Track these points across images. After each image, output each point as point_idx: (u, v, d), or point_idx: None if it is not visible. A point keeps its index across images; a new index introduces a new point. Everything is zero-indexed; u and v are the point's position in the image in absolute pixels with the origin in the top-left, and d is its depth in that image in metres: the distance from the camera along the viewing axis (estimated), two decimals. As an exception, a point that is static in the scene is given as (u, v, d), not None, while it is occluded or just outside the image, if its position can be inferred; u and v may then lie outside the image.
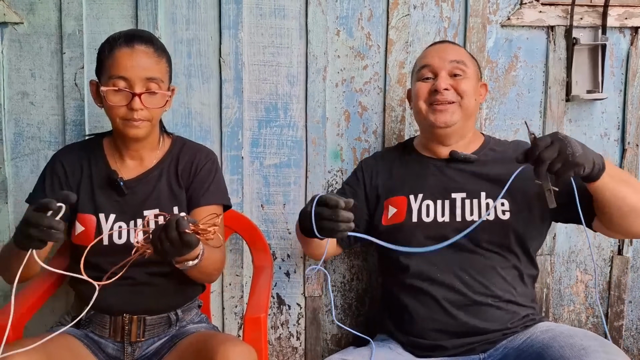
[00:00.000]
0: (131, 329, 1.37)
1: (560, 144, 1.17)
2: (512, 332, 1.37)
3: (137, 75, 1.31)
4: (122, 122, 1.34)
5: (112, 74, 1.31)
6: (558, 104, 1.83)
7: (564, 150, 1.17)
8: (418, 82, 1.51)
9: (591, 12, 1.80)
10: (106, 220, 1.39)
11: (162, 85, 1.35)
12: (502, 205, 1.43)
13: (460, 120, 1.47)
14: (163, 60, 1.38)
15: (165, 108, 1.41)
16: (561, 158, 1.17)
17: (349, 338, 1.87)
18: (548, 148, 1.18)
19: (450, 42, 1.62)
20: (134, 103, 1.31)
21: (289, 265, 1.84)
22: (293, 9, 1.77)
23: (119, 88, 1.31)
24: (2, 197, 1.77)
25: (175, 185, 1.44)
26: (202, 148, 1.52)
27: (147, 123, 1.35)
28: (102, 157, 1.45)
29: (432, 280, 1.41)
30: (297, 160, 1.81)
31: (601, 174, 1.24)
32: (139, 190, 1.42)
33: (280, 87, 1.79)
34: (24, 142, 1.77)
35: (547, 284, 1.88)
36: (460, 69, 1.47)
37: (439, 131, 1.48)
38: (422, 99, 1.49)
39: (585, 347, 1.18)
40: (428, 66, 1.49)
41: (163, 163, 1.46)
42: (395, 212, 1.49)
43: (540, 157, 1.18)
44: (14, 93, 1.76)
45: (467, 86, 1.47)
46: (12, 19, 1.72)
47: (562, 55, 1.82)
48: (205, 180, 1.45)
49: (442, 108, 1.45)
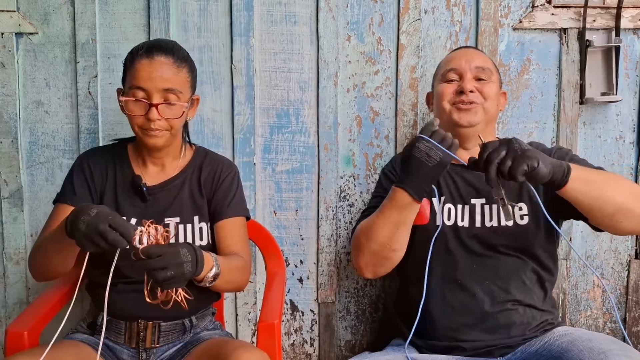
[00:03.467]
0: (146, 335, 1.37)
1: (507, 143, 1.18)
2: (530, 337, 1.36)
3: (155, 86, 1.31)
4: (140, 131, 1.35)
5: (132, 84, 1.32)
6: (572, 106, 1.81)
7: (511, 148, 1.17)
8: (443, 84, 1.51)
9: (604, 14, 1.79)
10: None
11: (180, 96, 1.35)
12: (519, 210, 1.42)
13: (482, 121, 1.47)
14: (183, 70, 1.37)
15: (187, 117, 1.42)
16: (509, 155, 1.16)
17: (363, 344, 1.86)
18: (495, 149, 1.18)
19: (475, 48, 1.65)
20: (151, 113, 1.31)
21: (302, 271, 1.84)
22: (304, 15, 1.77)
23: (137, 98, 1.32)
24: (18, 205, 1.79)
25: (197, 195, 1.45)
26: (225, 160, 1.53)
27: (166, 132, 1.36)
28: (127, 162, 1.46)
29: (451, 285, 1.41)
30: (309, 166, 1.81)
31: (567, 179, 1.21)
32: (161, 198, 1.43)
33: (291, 93, 1.79)
34: (39, 151, 1.79)
35: (564, 289, 1.85)
36: (486, 74, 1.49)
37: (461, 131, 1.47)
38: (447, 100, 1.49)
39: (605, 351, 1.16)
40: (454, 69, 1.50)
41: (185, 172, 1.46)
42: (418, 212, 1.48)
43: (488, 158, 1.18)
44: (29, 102, 1.78)
45: (491, 90, 1.48)
46: (27, 29, 1.74)
47: (576, 58, 1.80)
48: (228, 192, 1.46)
49: (467, 107, 1.46)
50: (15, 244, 1.80)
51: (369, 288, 1.85)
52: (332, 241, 1.82)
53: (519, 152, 1.16)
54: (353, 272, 1.85)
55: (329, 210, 1.81)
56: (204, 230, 1.43)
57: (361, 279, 1.84)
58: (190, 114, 1.44)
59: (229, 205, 1.44)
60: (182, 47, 1.42)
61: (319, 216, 1.82)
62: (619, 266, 1.89)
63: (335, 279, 1.84)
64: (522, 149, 1.17)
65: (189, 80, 1.40)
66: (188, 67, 1.39)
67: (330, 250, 1.82)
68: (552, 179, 1.21)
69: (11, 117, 1.76)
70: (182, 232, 1.41)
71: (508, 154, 1.17)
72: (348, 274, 1.85)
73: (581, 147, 1.83)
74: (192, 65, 1.42)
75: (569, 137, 1.81)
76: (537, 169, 1.16)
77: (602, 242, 1.88)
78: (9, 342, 1.31)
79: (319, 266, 1.83)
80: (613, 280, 1.89)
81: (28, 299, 1.81)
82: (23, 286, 1.82)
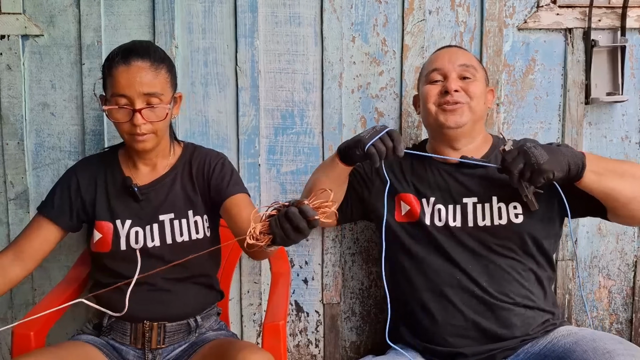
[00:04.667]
0: (151, 336, 1.38)
1: (524, 155, 1.27)
2: (532, 338, 1.35)
3: (136, 91, 1.31)
4: (128, 136, 1.36)
5: (113, 92, 1.33)
6: (577, 107, 1.81)
7: (528, 161, 1.26)
8: (427, 85, 1.51)
9: (610, 14, 1.78)
10: (122, 227, 1.41)
11: (162, 98, 1.35)
12: (514, 209, 1.42)
13: (469, 121, 1.46)
14: (162, 71, 1.36)
15: (172, 117, 1.42)
16: (528, 168, 1.26)
17: (368, 345, 1.86)
18: (514, 160, 1.28)
19: (458, 47, 1.64)
20: (135, 119, 1.32)
21: (307, 272, 1.84)
22: (308, 17, 1.77)
23: (120, 105, 1.32)
24: (24, 207, 1.79)
25: (190, 190, 1.46)
26: (212, 151, 1.53)
27: (152, 135, 1.36)
28: (118, 167, 1.47)
29: (450, 285, 1.40)
30: (313, 167, 1.80)
31: (582, 173, 1.29)
32: (153, 196, 1.44)
33: (296, 94, 1.80)
34: (45, 152, 1.80)
35: (569, 290, 1.85)
36: (470, 72, 1.48)
37: (449, 132, 1.47)
38: (432, 101, 1.48)
39: (610, 351, 1.16)
40: (438, 69, 1.49)
41: (176, 169, 1.48)
42: (408, 209, 1.48)
43: (509, 169, 1.28)
44: (35, 104, 1.79)
45: (476, 88, 1.47)
46: (33, 32, 1.75)
47: (581, 58, 1.80)
48: (223, 175, 1.45)
49: (452, 108, 1.45)
50: (22, 245, 1.80)
51: (374, 289, 1.85)
52: (336, 242, 1.82)
53: (536, 167, 1.25)
54: (358, 273, 1.84)
55: (334, 211, 1.81)
56: (199, 223, 1.44)
57: (366, 279, 1.84)
58: (175, 112, 1.44)
59: (228, 186, 1.43)
60: (158, 46, 1.42)
61: (323, 217, 1.81)
62: (625, 267, 1.88)
63: (340, 279, 1.83)
64: (537, 162, 1.24)
65: (169, 80, 1.39)
66: (166, 67, 1.38)
67: (335, 251, 1.82)
68: (567, 177, 1.29)
69: (17, 119, 1.77)
70: (177, 227, 1.42)
71: (526, 166, 1.26)
72: (353, 275, 1.85)
73: (587, 148, 1.82)
74: (171, 64, 1.41)
75: (575, 138, 1.80)
76: (553, 178, 1.26)
77: (608, 243, 1.87)
78: (15, 343, 1.31)
79: (323, 267, 1.83)
80: (619, 281, 1.88)
81: (34, 300, 1.82)
82: (29, 287, 1.82)
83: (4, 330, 1.17)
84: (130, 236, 1.40)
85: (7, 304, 1.83)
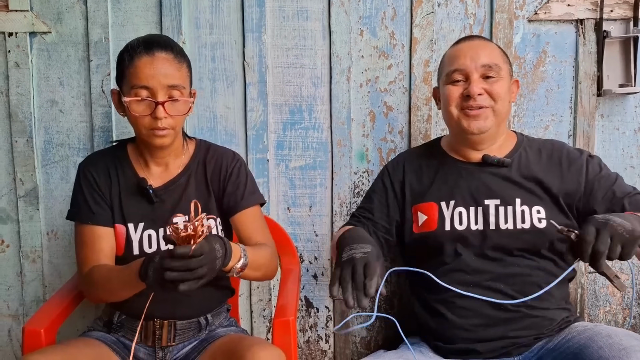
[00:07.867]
0: (162, 334, 1.37)
1: (608, 228, 1.09)
2: (547, 335, 1.34)
3: (159, 83, 1.28)
4: (147, 131, 1.32)
5: (134, 84, 1.29)
6: (589, 99, 1.78)
7: (616, 233, 1.09)
8: (448, 86, 1.43)
9: (622, 4, 1.75)
10: (135, 230, 1.38)
11: (184, 92, 1.33)
12: (537, 213, 1.38)
13: (493, 125, 1.40)
14: (184, 65, 1.35)
15: (189, 113, 1.41)
16: (617, 241, 1.08)
17: (378, 341, 1.85)
18: (598, 239, 1.09)
19: (480, 38, 1.54)
20: (157, 112, 1.28)
21: (317, 268, 1.83)
22: (316, 11, 1.76)
23: (142, 98, 1.29)
24: (34, 204, 1.80)
25: (204, 191, 1.43)
26: (227, 151, 1.50)
27: (171, 131, 1.33)
28: (129, 164, 1.43)
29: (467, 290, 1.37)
30: (322, 162, 1.80)
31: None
32: (167, 198, 1.41)
33: (304, 88, 1.78)
34: (54, 149, 1.80)
35: (582, 284, 1.83)
36: (494, 71, 1.39)
37: (472, 137, 1.42)
38: (454, 104, 1.41)
39: (626, 347, 1.14)
40: (459, 70, 1.40)
41: (189, 169, 1.45)
42: (425, 219, 1.44)
43: (597, 251, 1.09)
44: (43, 101, 1.79)
45: (500, 89, 1.39)
46: (41, 29, 1.75)
47: (593, 49, 1.77)
48: (238, 183, 1.43)
49: (475, 113, 1.38)
50: (32, 242, 1.81)
51: (384, 284, 1.84)
52: (346, 237, 1.81)
53: (627, 235, 1.09)
54: (368, 269, 1.83)
55: (343, 207, 1.80)
56: (212, 226, 1.41)
57: (376, 275, 1.83)
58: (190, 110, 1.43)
59: (242, 197, 1.42)
60: None
61: (332, 212, 1.81)
62: (638, 261, 1.86)
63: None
64: (626, 229, 1.09)
65: (189, 75, 1.38)
66: (187, 62, 1.37)
67: (344, 246, 1.81)
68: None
69: (26, 116, 1.78)
70: None
71: (614, 240, 1.09)
72: (363, 270, 1.84)
73: (599, 140, 1.80)
74: (189, 60, 1.40)
75: (587, 130, 1.78)
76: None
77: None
78: (26, 340, 1.32)
79: (333, 262, 1.82)
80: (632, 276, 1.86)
81: (45, 297, 1.83)
82: (40, 284, 1.83)
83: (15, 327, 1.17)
84: (143, 240, 1.38)
85: (18, 300, 1.84)
